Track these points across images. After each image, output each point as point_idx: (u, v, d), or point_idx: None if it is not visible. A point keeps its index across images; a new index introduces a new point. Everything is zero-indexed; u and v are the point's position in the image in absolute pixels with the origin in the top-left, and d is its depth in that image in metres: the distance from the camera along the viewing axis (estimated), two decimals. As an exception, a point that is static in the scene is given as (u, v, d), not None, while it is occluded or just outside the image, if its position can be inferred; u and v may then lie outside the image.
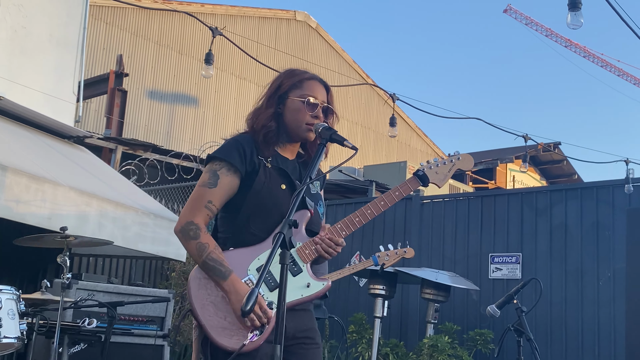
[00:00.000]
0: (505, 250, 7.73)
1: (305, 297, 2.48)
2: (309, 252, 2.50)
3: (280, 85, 2.63)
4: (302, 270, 2.49)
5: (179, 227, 2.47)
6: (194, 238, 2.42)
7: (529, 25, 36.38)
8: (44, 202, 5.06)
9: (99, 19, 13.39)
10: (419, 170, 2.70)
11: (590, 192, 7.38)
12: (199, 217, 2.45)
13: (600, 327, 6.95)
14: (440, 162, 2.73)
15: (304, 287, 2.48)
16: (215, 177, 2.48)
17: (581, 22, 4.18)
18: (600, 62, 35.15)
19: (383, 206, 2.61)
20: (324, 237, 2.52)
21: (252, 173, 2.50)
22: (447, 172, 2.72)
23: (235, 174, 2.49)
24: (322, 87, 2.66)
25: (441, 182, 2.70)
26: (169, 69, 14.74)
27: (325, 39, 17.72)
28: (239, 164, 2.49)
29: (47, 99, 6.93)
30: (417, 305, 8.07)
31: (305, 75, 2.66)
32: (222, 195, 2.49)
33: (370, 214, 2.59)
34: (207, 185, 2.48)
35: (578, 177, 23.16)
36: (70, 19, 7.30)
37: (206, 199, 2.47)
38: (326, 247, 2.50)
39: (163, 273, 8.76)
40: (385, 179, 12.42)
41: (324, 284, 2.51)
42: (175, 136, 14.66)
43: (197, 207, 2.46)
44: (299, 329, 2.51)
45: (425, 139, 20.13)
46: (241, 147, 2.52)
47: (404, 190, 2.64)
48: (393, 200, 2.62)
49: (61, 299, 3.78)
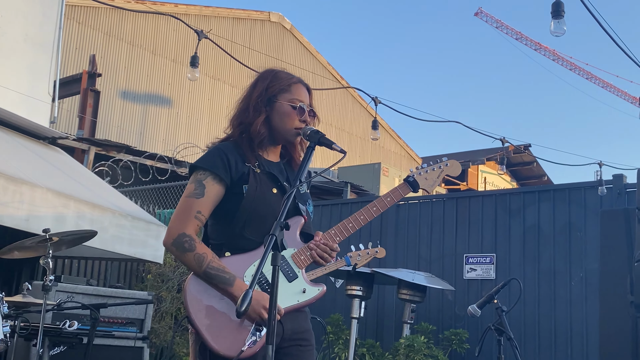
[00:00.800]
0: (480, 251, 7.83)
1: (301, 302, 2.52)
2: (304, 258, 2.53)
3: (267, 88, 2.62)
4: (298, 276, 2.52)
5: (170, 239, 2.44)
6: (190, 250, 2.40)
7: (500, 28, 36.82)
8: (21, 203, 5.02)
9: (72, 19, 13.27)
10: (409, 176, 2.76)
11: (563, 194, 7.51)
12: (189, 228, 2.43)
13: (572, 326, 7.08)
14: (430, 168, 2.78)
15: (300, 293, 2.51)
16: (202, 187, 2.47)
17: (564, 29, 4.25)
18: (569, 65, 35.68)
19: (375, 212, 2.66)
20: (318, 242, 2.55)
21: (241, 180, 2.50)
22: (436, 177, 2.78)
23: (220, 183, 2.48)
24: (306, 89, 2.69)
25: (430, 188, 2.77)
26: (142, 70, 14.65)
27: (299, 40, 17.75)
28: (223, 173, 2.48)
29: (23, 100, 6.87)
30: (393, 305, 8.14)
31: (292, 80, 2.67)
32: (210, 204, 2.48)
33: (363, 219, 2.64)
34: (195, 195, 2.46)
35: (548, 179, 23.51)
36: (46, 19, 7.24)
37: (195, 209, 2.45)
38: (321, 253, 2.53)
39: (139, 275, 8.72)
40: (360, 181, 12.49)
41: (320, 290, 2.55)
42: (148, 137, 14.58)
43: (186, 218, 2.44)
44: (295, 330, 2.54)
45: (399, 140, 20.27)
46: (224, 156, 2.51)
47: (395, 196, 2.69)
48: (385, 205, 2.67)
49: (44, 301, 3.76)
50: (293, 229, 2.56)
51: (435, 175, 2.78)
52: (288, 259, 2.52)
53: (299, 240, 2.57)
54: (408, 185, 2.74)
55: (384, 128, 19.55)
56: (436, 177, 2.78)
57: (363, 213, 2.64)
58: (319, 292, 2.55)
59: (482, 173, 21.67)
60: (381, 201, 2.67)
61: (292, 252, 2.54)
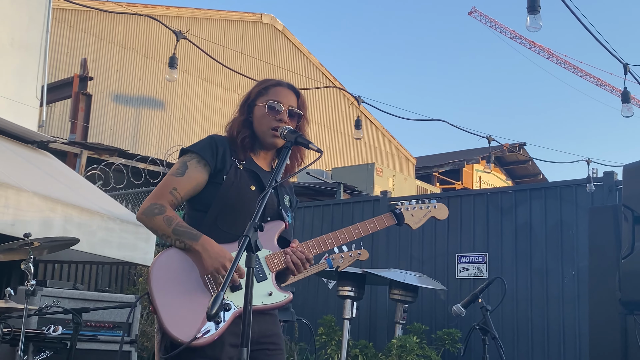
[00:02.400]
0: (472, 250, 7.82)
1: (265, 304, 2.48)
2: (277, 262, 2.52)
3: (250, 94, 2.70)
4: (267, 278, 2.50)
5: (142, 210, 2.49)
6: (160, 214, 2.45)
7: (494, 27, 36.81)
8: (7, 208, 4.98)
9: (63, 23, 13.23)
10: (397, 208, 2.80)
11: (554, 191, 7.50)
12: (163, 200, 2.49)
13: (565, 324, 7.07)
14: (417, 206, 2.83)
15: (265, 295, 2.49)
16: (184, 167, 2.53)
17: (540, 24, 4.26)
18: (563, 63, 35.67)
19: (356, 234, 2.69)
20: (295, 249, 2.54)
21: (222, 171, 2.54)
22: (422, 217, 2.82)
23: (205, 167, 2.53)
24: (290, 92, 2.69)
25: (415, 225, 2.80)
26: (135, 73, 14.61)
27: (292, 41, 17.73)
28: (209, 158, 2.53)
29: (10, 104, 6.83)
30: (385, 306, 8.12)
31: (271, 82, 2.71)
32: (188, 185, 2.52)
33: (343, 238, 2.66)
34: (175, 174, 2.53)
35: (543, 177, 23.50)
36: (33, 23, 7.20)
37: (172, 185, 2.51)
38: (296, 260, 2.52)
39: (130, 278, 8.68)
40: (353, 181, 12.47)
41: (286, 296, 2.52)
42: (141, 140, 14.54)
43: (161, 192, 2.51)
44: (263, 333, 2.51)
45: (392, 141, 20.25)
46: (215, 144, 2.57)
47: (379, 224, 2.73)
48: (367, 231, 2.70)
49: (25, 306, 3.73)
50: (272, 232, 2.57)
51: (421, 214, 2.82)
52: (262, 259, 2.51)
53: (275, 244, 2.57)
54: (394, 217, 2.77)
55: (377, 128, 19.53)
56: (422, 216, 2.81)
57: (344, 232, 2.68)
58: (284, 299, 2.52)
59: (477, 172, 21.67)
60: (364, 225, 2.71)
61: (267, 253, 2.53)
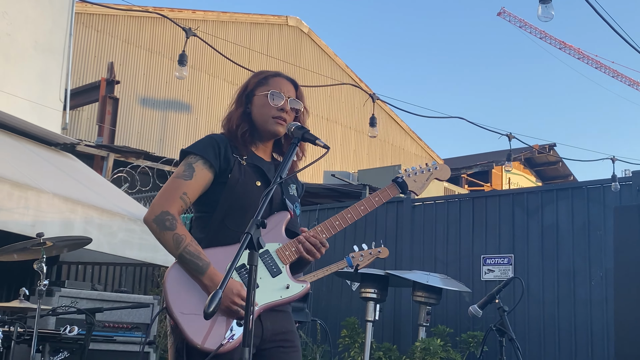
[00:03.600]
0: (497, 252, 7.69)
1: (284, 298, 2.43)
2: (289, 254, 2.47)
3: (247, 85, 2.66)
4: (282, 272, 2.45)
5: (152, 216, 2.39)
6: (170, 229, 2.36)
7: (523, 27, 36.46)
8: (27, 209, 5.01)
9: (90, 27, 13.37)
10: (398, 177, 2.73)
11: (581, 191, 7.35)
12: (173, 208, 2.39)
13: (593, 327, 6.91)
14: (419, 170, 2.76)
15: (283, 289, 2.44)
16: (191, 169, 2.46)
17: (552, 14, 4.17)
18: (594, 63, 35.20)
19: (363, 211, 2.61)
20: (308, 235, 2.48)
21: (227, 170, 2.49)
22: (425, 180, 2.75)
23: (210, 169, 2.47)
24: (289, 83, 2.66)
25: (419, 190, 2.74)
26: (161, 76, 14.71)
27: (317, 43, 17.71)
28: (213, 159, 2.47)
29: (33, 107, 6.89)
30: (409, 308, 8.02)
31: (269, 73, 2.68)
32: (197, 188, 2.46)
33: (350, 217, 2.58)
34: (183, 177, 2.45)
35: (574, 179, 23.15)
36: (56, 26, 7.26)
37: (181, 190, 2.42)
38: (309, 246, 2.46)
39: (154, 280, 8.71)
40: (379, 183, 12.38)
41: (303, 287, 2.47)
42: (168, 143, 14.63)
43: (171, 197, 2.41)
44: (277, 330, 2.46)
45: (419, 142, 20.11)
46: (216, 143, 2.51)
47: (383, 197, 2.66)
48: (373, 205, 2.63)
49: (38, 307, 3.73)
50: (279, 224, 2.52)
51: (424, 178, 2.75)
52: (272, 253, 2.47)
53: (284, 236, 2.51)
54: (397, 186, 2.70)
55: (404, 130, 19.41)
56: (425, 180, 2.75)
57: (350, 211, 2.59)
58: (302, 289, 2.47)
59: (506, 174, 21.41)
60: (369, 201, 2.63)
61: (277, 247, 2.48)
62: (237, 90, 2.69)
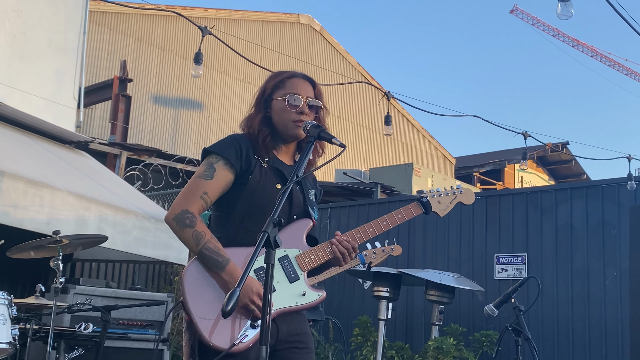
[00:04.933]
0: (511, 251, 7.66)
1: (299, 305, 2.46)
2: (308, 261, 2.49)
3: (265, 89, 2.65)
4: (299, 278, 2.47)
5: (172, 215, 2.42)
6: (190, 226, 2.38)
7: (536, 25, 36.26)
8: (42, 207, 5.04)
9: (102, 25, 13.42)
10: (423, 197, 2.77)
11: (596, 190, 7.31)
12: (193, 207, 2.41)
13: (607, 326, 6.87)
14: (443, 192, 2.80)
15: (299, 295, 2.46)
16: (212, 169, 2.47)
17: (571, 12, 4.14)
18: (608, 61, 34.99)
19: (385, 226, 2.66)
20: (341, 239, 2.51)
21: (247, 171, 2.50)
22: (449, 203, 2.79)
23: (231, 169, 2.48)
24: (307, 82, 2.64)
25: (442, 212, 2.78)
26: (173, 74, 14.75)
27: (329, 41, 17.70)
28: (234, 160, 2.48)
29: (47, 105, 6.92)
30: (422, 307, 8.01)
31: (286, 74, 2.66)
32: (218, 188, 2.47)
33: (372, 232, 2.63)
34: (204, 176, 2.46)
35: (587, 178, 23.02)
36: (70, 25, 7.29)
37: (202, 189, 2.44)
38: (343, 249, 2.50)
39: (167, 277, 8.73)
40: (391, 181, 12.37)
41: (319, 295, 2.50)
42: (180, 141, 14.67)
43: (192, 197, 2.43)
44: (292, 332, 2.48)
45: (432, 140, 20.06)
46: (238, 144, 2.52)
47: (406, 215, 2.70)
48: (395, 222, 2.67)
49: (54, 304, 3.75)
50: (300, 231, 2.54)
51: (448, 201, 2.79)
52: (292, 259, 2.49)
53: (304, 243, 2.53)
54: (421, 206, 2.74)
55: (416, 128, 19.37)
56: (449, 203, 2.79)
57: (372, 226, 2.64)
58: (318, 298, 2.50)
59: (518, 172, 21.32)
60: (392, 217, 2.68)
61: (297, 253, 2.50)
62: (255, 94, 2.68)
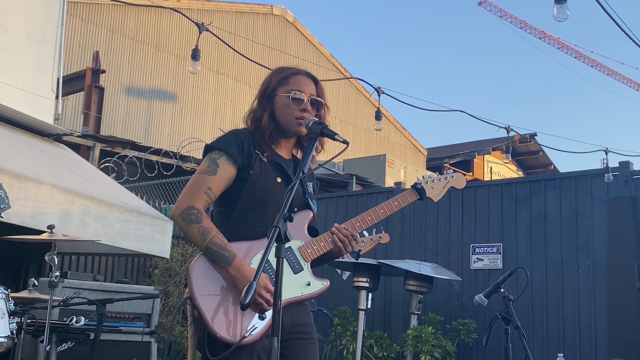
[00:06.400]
0: (486, 241, 7.81)
1: (305, 295, 2.53)
2: (311, 252, 2.54)
3: (269, 84, 2.68)
4: (303, 269, 2.53)
5: (178, 211, 2.46)
6: (196, 222, 2.42)
7: (504, 17, 36.64)
8: (26, 200, 5.02)
9: (74, 16, 13.26)
10: (417, 183, 2.85)
11: (569, 182, 7.48)
12: (198, 202, 2.46)
13: (580, 315, 7.06)
14: (436, 178, 2.89)
15: (304, 285, 2.52)
16: (215, 165, 2.51)
17: (567, 14, 4.25)
18: (574, 53, 35.51)
19: (382, 214, 2.73)
20: (340, 227, 2.58)
21: (249, 166, 2.54)
22: (442, 188, 2.88)
23: (234, 164, 2.52)
24: (310, 80, 2.70)
25: (436, 197, 2.86)
26: (146, 65, 14.64)
27: (302, 32, 17.70)
28: (236, 155, 2.52)
29: (26, 97, 6.87)
30: (400, 296, 8.14)
31: (290, 71, 2.70)
32: (221, 183, 2.51)
33: (370, 220, 2.71)
34: (207, 172, 2.50)
35: (554, 168, 23.42)
36: (48, 16, 7.23)
37: (206, 185, 2.48)
38: (342, 237, 2.56)
39: (146, 270, 8.73)
40: (365, 173, 12.46)
41: (324, 284, 2.56)
42: (153, 132, 14.57)
43: (197, 192, 2.47)
44: (295, 323, 2.53)
45: (403, 132, 20.22)
46: (239, 139, 2.56)
47: (402, 202, 2.78)
48: (392, 209, 2.75)
49: (50, 297, 3.77)
50: (301, 222, 2.59)
51: (440, 186, 2.88)
52: (295, 251, 2.54)
53: (306, 234, 2.59)
54: (416, 192, 2.82)
55: (388, 119, 19.49)
56: (442, 188, 2.88)
57: (371, 214, 2.71)
58: (322, 287, 2.56)
59: (487, 163, 21.62)
60: (389, 204, 2.75)
61: (300, 244, 2.55)
62: (260, 88, 2.71)
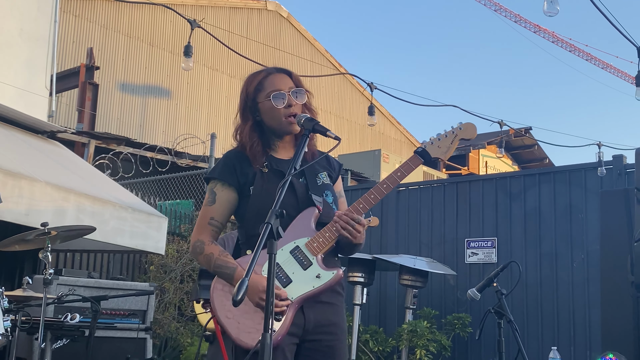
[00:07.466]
0: (481, 235, 7.83)
1: (316, 287, 2.48)
2: (317, 245, 2.52)
3: (247, 96, 2.67)
4: (312, 263, 2.51)
5: (191, 248, 2.68)
6: (201, 252, 2.60)
7: (498, 11, 36.57)
8: (21, 198, 5.02)
9: (68, 12, 13.23)
10: (419, 147, 2.68)
11: (563, 175, 7.50)
12: (204, 235, 2.62)
13: (575, 308, 7.09)
14: (442, 136, 2.68)
15: (314, 279, 2.49)
16: (213, 194, 2.65)
17: (557, 9, 4.27)
18: (568, 46, 35.48)
19: (386, 189, 2.60)
20: (340, 213, 2.54)
21: (246, 183, 2.60)
22: (450, 144, 2.67)
23: (230, 188, 2.63)
24: (283, 75, 2.68)
25: (445, 155, 2.65)
26: (140, 61, 14.62)
27: (297, 28, 17.68)
28: (229, 178, 2.62)
29: (20, 94, 6.86)
30: (395, 291, 8.16)
31: (261, 75, 2.68)
32: (223, 209, 2.64)
33: (374, 198, 2.58)
34: (208, 203, 2.66)
35: (549, 162, 23.45)
36: (41, 14, 7.22)
37: (208, 216, 2.64)
38: (344, 224, 2.51)
39: (141, 267, 8.73)
40: (360, 167, 12.49)
41: (334, 273, 2.51)
42: (148, 129, 14.56)
43: (202, 225, 2.65)
44: (320, 322, 2.53)
45: (399, 127, 20.23)
46: (230, 162, 2.65)
47: (405, 170, 2.63)
48: (395, 181, 2.61)
49: (44, 295, 3.78)
50: (307, 220, 2.56)
51: (448, 142, 2.66)
52: (302, 248, 2.53)
53: (313, 230, 2.56)
54: (418, 157, 2.64)
55: (383, 114, 19.50)
56: (449, 143, 2.66)
57: (373, 192, 2.59)
58: (334, 275, 2.51)
59: (483, 157, 21.63)
60: (391, 177, 2.61)
61: (306, 240, 2.53)
62: (239, 103, 2.72)
